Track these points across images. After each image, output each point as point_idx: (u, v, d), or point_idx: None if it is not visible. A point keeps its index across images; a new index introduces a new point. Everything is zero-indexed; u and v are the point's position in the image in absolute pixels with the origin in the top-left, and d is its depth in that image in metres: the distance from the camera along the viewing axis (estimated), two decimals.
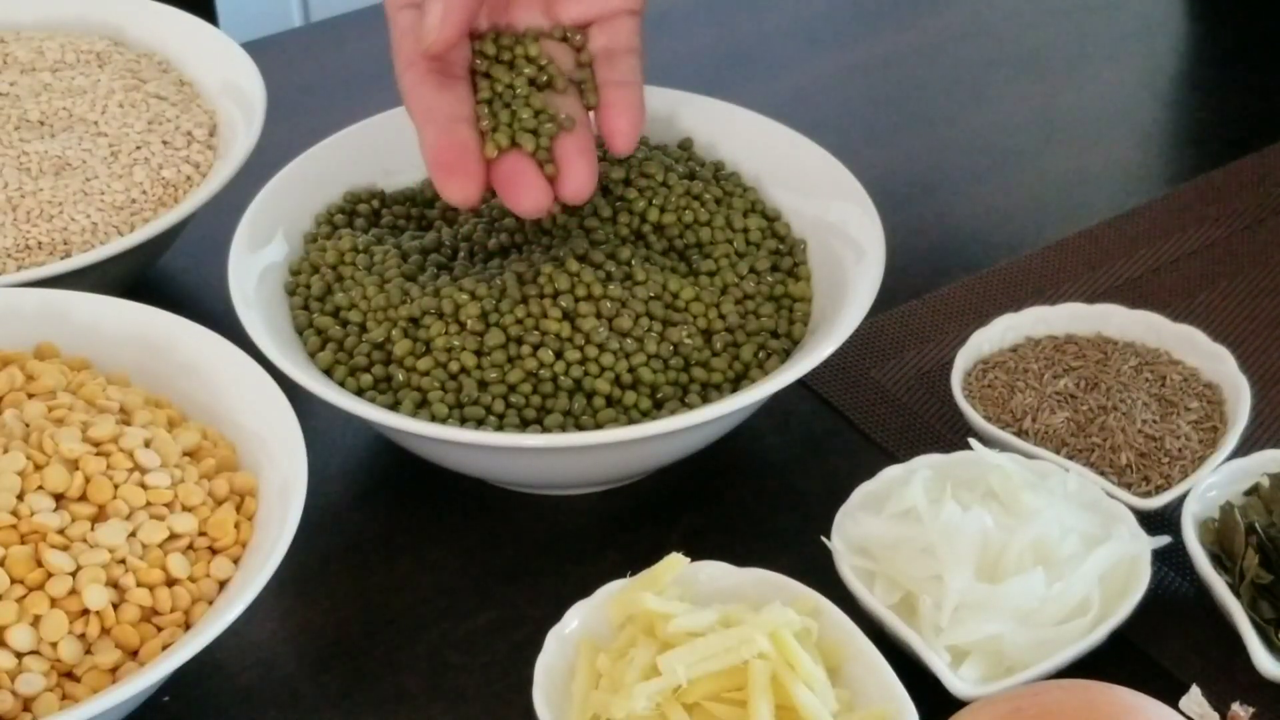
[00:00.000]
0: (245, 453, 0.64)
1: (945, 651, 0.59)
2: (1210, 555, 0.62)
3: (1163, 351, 0.71)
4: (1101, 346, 0.71)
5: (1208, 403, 0.69)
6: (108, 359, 0.67)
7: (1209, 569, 0.61)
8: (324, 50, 1.03)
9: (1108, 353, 0.71)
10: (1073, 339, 0.72)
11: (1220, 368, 0.70)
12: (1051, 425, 0.68)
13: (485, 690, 0.62)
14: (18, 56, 0.85)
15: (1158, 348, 0.72)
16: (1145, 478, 0.66)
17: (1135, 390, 0.69)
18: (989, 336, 0.72)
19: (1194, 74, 0.99)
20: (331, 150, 0.76)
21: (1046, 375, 0.70)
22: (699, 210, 0.72)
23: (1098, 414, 0.68)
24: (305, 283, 0.71)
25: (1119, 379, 0.69)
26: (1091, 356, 0.71)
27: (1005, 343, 0.72)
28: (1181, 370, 0.70)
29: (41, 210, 0.75)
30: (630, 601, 0.58)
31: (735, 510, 0.69)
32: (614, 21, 0.69)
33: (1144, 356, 0.71)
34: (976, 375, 0.71)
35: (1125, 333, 0.72)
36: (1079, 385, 0.69)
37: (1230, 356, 0.69)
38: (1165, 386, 0.69)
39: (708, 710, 0.55)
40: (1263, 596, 0.61)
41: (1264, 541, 0.61)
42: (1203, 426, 0.68)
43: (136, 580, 0.58)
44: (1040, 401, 0.68)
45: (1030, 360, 0.71)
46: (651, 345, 0.66)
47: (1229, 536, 0.62)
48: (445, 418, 0.65)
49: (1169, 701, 0.55)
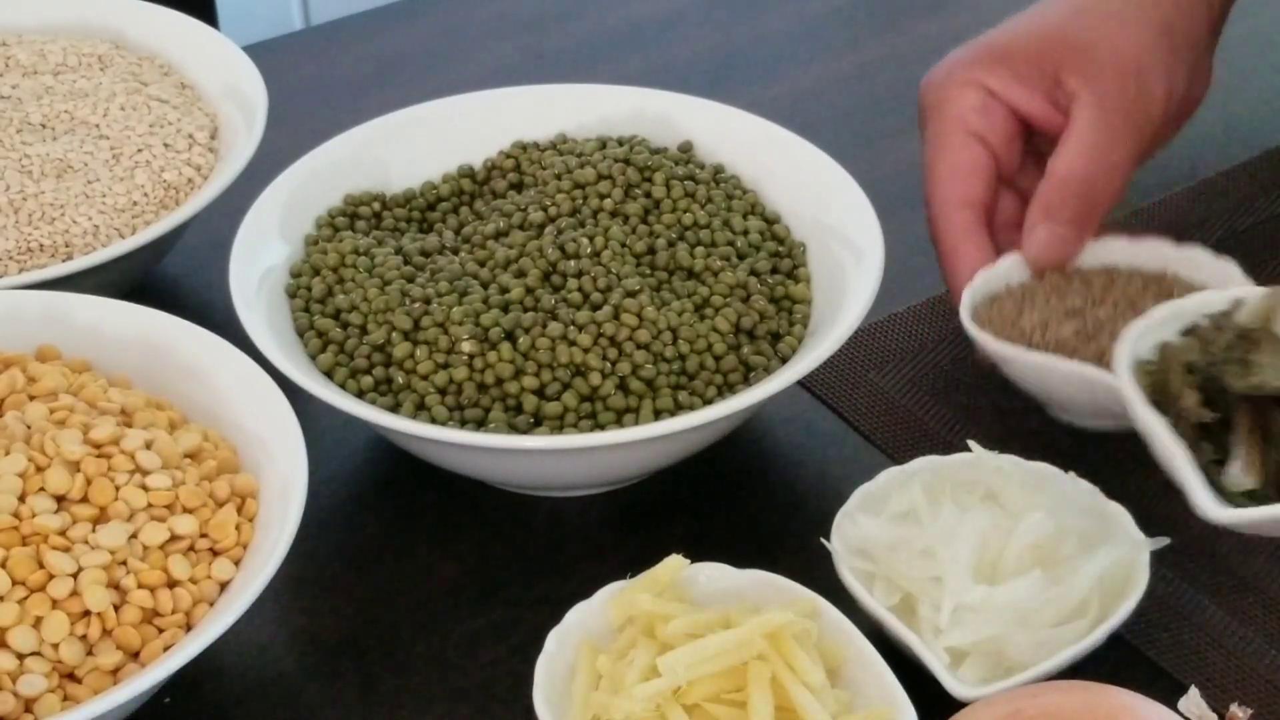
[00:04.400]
0: (246, 454, 0.64)
1: (944, 653, 0.59)
2: (1149, 400, 0.59)
3: (1169, 273, 0.70)
4: (1108, 274, 0.70)
5: None
6: (109, 361, 0.67)
7: (1145, 409, 0.58)
8: (325, 53, 1.03)
9: (1114, 278, 0.70)
10: (1079, 270, 0.71)
11: (1227, 280, 0.68)
12: (1061, 336, 0.66)
13: (485, 690, 0.62)
14: (19, 60, 0.85)
15: (1163, 270, 0.70)
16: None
17: (1143, 300, 0.68)
18: (995, 274, 0.71)
19: None
20: (332, 153, 0.77)
21: (1053, 298, 0.69)
22: (699, 213, 0.72)
23: (1105, 323, 0.67)
24: (306, 285, 0.71)
25: (1127, 294, 0.68)
26: (1098, 282, 0.70)
27: (1012, 279, 0.71)
28: (1189, 287, 0.69)
29: (43, 213, 0.75)
30: (630, 603, 0.58)
31: (735, 512, 0.70)
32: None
33: (1149, 277, 0.70)
34: (984, 306, 0.70)
35: (1132, 260, 0.71)
36: (1087, 302, 0.68)
37: (1236, 269, 0.68)
38: (1172, 297, 0.67)
39: (707, 711, 0.55)
40: (1205, 437, 0.58)
41: (1205, 379, 0.58)
42: None
43: (137, 582, 0.58)
44: (1049, 317, 0.67)
45: (1037, 290, 0.70)
46: (656, 348, 0.67)
47: (1166, 378, 0.59)
48: (445, 420, 0.65)
49: (1168, 702, 0.55)
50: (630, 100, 0.79)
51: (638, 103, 0.79)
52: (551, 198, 0.73)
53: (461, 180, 0.77)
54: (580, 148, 0.77)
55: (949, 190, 0.72)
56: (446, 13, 1.07)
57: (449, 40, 1.04)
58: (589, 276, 0.69)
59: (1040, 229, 0.70)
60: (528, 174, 0.77)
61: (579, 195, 0.73)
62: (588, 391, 0.66)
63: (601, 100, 0.80)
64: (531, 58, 1.02)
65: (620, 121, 0.79)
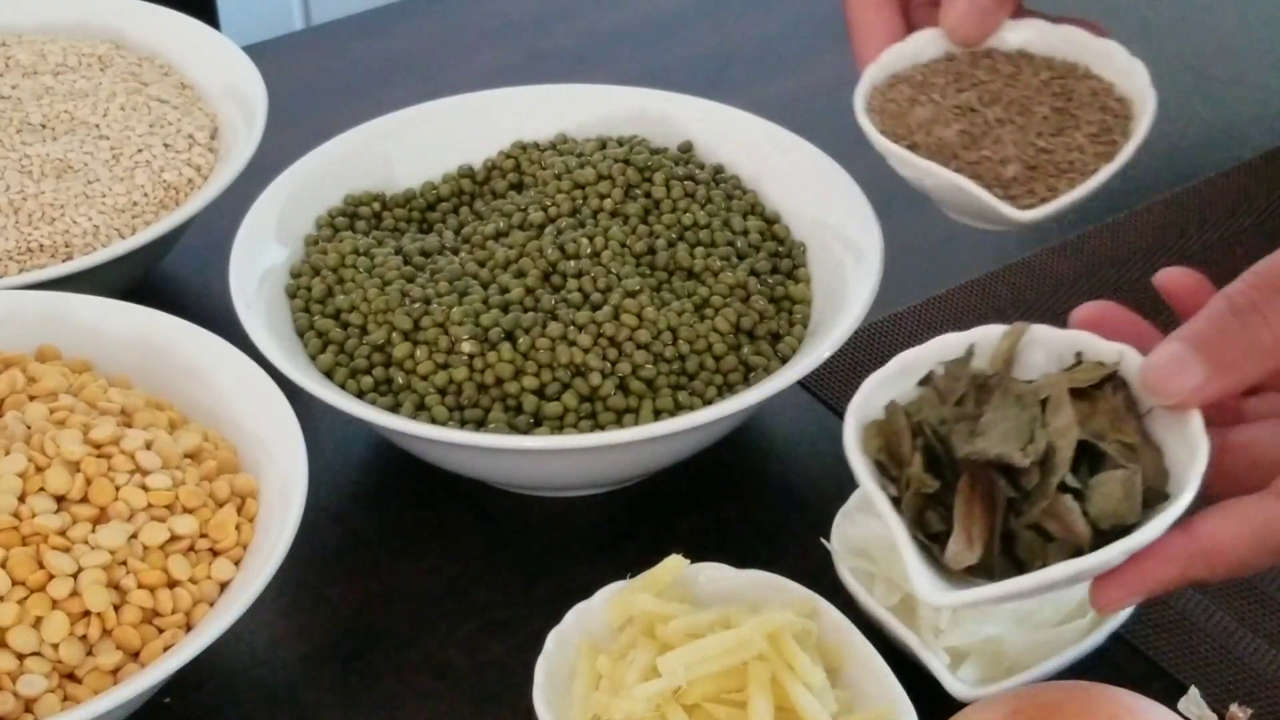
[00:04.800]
0: (246, 455, 0.64)
1: (944, 653, 0.59)
2: (877, 465, 0.52)
3: (1080, 65, 0.68)
4: (1016, 61, 0.68)
5: (1112, 117, 0.65)
6: (109, 361, 0.67)
7: (867, 479, 0.51)
8: (325, 53, 1.03)
9: (1021, 67, 0.67)
10: (991, 53, 0.68)
11: (1134, 81, 0.65)
12: (944, 138, 0.64)
13: (485, 690, 0.62)
14: (19, 60, 0.85)
15: (1076, 62, 0.68)
16: (1031, 190, 0.62)
17: (1037, 103, 0.65)
18: (904, 52, 0.68)
19: (1196, 78, 0.99)
20: (332, 153, 0.77)
21: (951, 89, 0.66)
22: (699, 213, 0.73)
23: (993, 126, 0.64)
24: (306, 285, 0.71)
25: (1024, 92, 0.66)
26: (1004, 70, 0.67)
27: (921, 58, 0.68)
28: (1095, 85, 0.66)
29: (43, 213, 0.75)
30: (630, 603, 0.58)
31: (735, 512, 0.70)
32: None
33: (1058, 71, 0.67)
34: (883, 89, 0.67)
35: (1047, 47, 0.68)
36: (981, 99, 0.66)
37: (1144, 70, 0.65)
38: (1070, 100, 0.65)
39: (707, 711, 0.55)
40: (931, 507, 0.51)
41: (930, 443, 0.52)
42: (1100, 140, 0.64)
43: (137, 582, 0.58)
44: (937, 114, 0.65)
45: (939, 75, 0.67)
46: (656, 348, 0.67)
47: (897, 440, 0.52)
48: (445, 420, 0.65)
49: (1168, 702, 0.55)
50: (630, 100, 0.79)
51: (638, 103, 0.79)
52: (551, 198, 0.73)
53: (461, 180, 0.77)
54: (580, 148, 0.77)
55: None
56: (446, 13, 1.07)
57: (449, 40, 1.04)
58: (589, 276, 0.69)
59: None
60: (528, 174, 0.77)
61: (579, 195, 0.73)
62: (588, 391, 0.66)
63: (601, 100, 0.80)
64: (531, 58, 1.02)
65: (620, 121, 0.79)
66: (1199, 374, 0.50)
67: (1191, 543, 0.50)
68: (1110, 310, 0.55)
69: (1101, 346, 0.53)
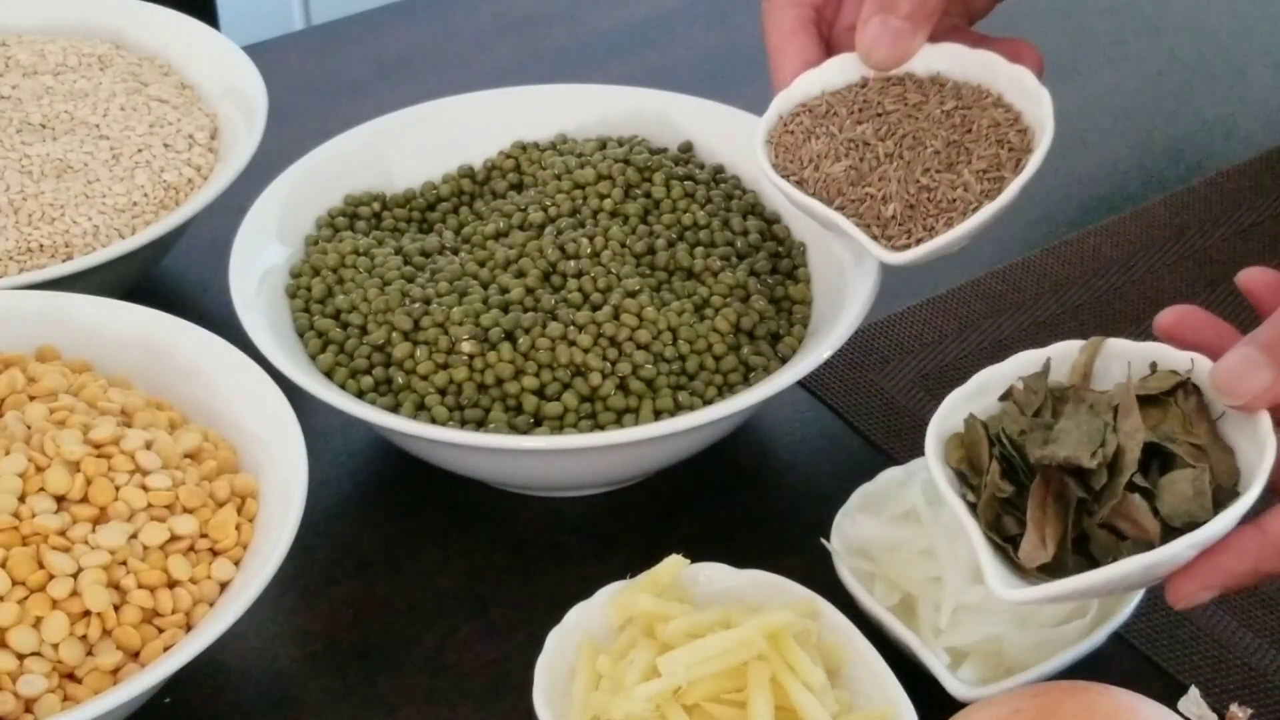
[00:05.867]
0: (246, 455, 0.64)
1: (944, 653, 0.59)
2: (959, 475, 0.56)
3: (994, 93, 0.66)
4: (926, 89, 0.67)
5: (1008, 151, 0.64)
6: (109, 361, 0.67)
7: (945, 486, 0.55)
8: (325, 53, 1.03)
9: (928, 95, 0.66)
10: (904, 79, 0.67)
11: (1038, 111, 0.64)
12: (832, 174, 0.64)
13: (485, 691, 0.62)
14: (19, 60, 0.85)
15: (987, 88, 0.66)
16: (908, 230, 0.62)
17: (932, 136, 0.64)
18: (818, 79, 0.67)
19: (1196, 77, 0.99)
20: (332, 153, 0.77)
21: (849, 122, 0.65)
22: (698, 213, 0.73)
23: (881, 162, 0.64)
24: (306, 285, 0.71)
25: (921, 125, 0.65)
26: (911, 99, 0.66)
27: (835, 84, 0.68)
28: (1000, 115, 0.65)
29: (43, 213, 0.75)
30: (630, 603, 0.58)
31: (735, 512, 0.70)
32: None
33: (965, 100, 0.66)
34: (787, 119, 0.67)
35: (964, 71, 0.67)
36: (877, 131, 0.65)
37: (1047, 99, 0.64)
38: (969, 133, 0.64)
39: (707, 711, 0.55)
40: (1006, 512, 0.54)
41: (1007, 452, 0.55)
42: (988, 176, 0.63)
43: (138, 582, 0.58)
44: (829, 149, 0.65)
45: (844, 103, 0.66)
46: (656, 348, 0.67)
47: (975, 451, 0.56)
48: (445, 420, 0.65)
49: (1168, 702, 0.55)
50: (630, 100, 0.79)
51: (638, 103, 0.79)
52: (551, 198, 0.73)
53: (461, 180, 0.77)
54: (580, 148, 0.77)
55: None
56: (446, 13, 1.07)
57: (449, 40, 1.04)
58: (589, 276, 0.69)
59: (874, 21, 0.67)
60: (528, 174, 0.77)
61: (579, 195, 0.73)
62: (588, 391, 0.66)
63: (601, 100, 0.80)
64: (531, 58, 1.02)
65: (620, 121, 0.79)
66: (1268, 376, 0.52)
67: (1264, 538, 0.52)
68: (1191, 314, 0.57)
69: (1175, 356, 0.56)
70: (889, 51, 0.67)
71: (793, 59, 0.68)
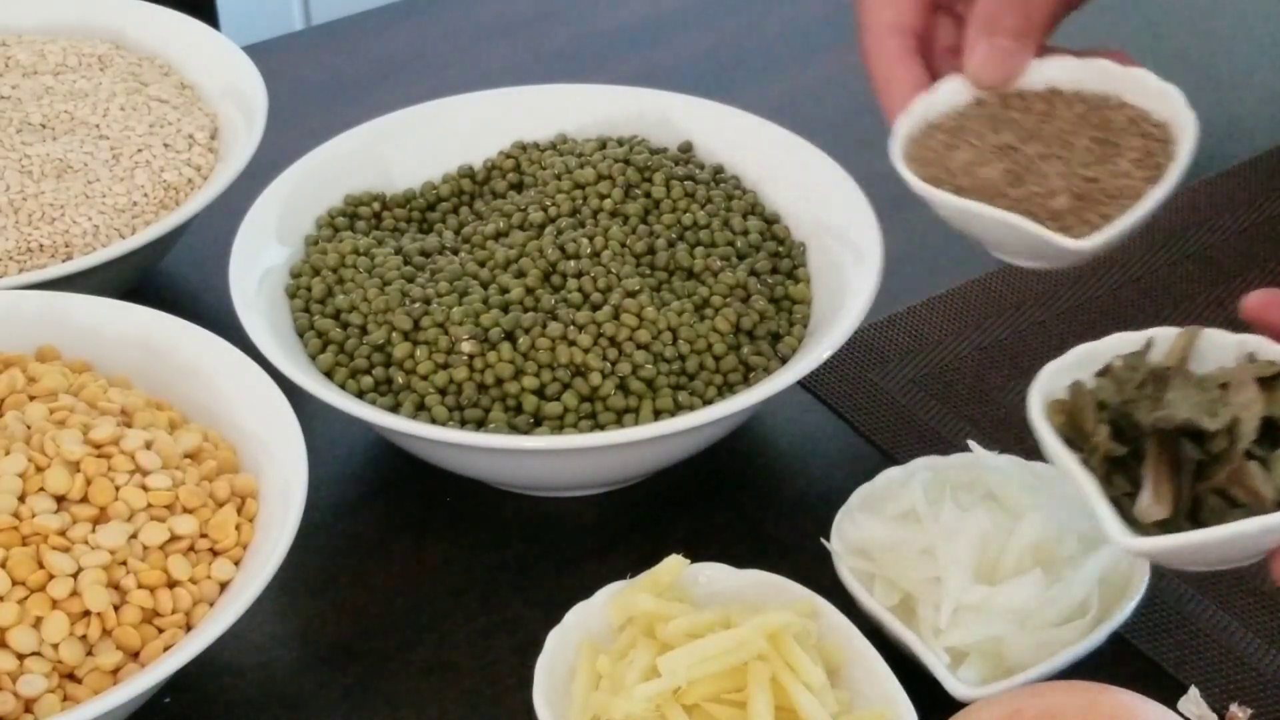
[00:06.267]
0: (246, 455, 0.64)
1: (944, 653, 0.59)
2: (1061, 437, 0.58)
3: (1112, 96, 0.67)
4: (1048, 99, 0.67)
5: (1154, 141, 0.65)
6: (109, 361, 0.67)
7: (1056, 444, 0.57)
8: (325, 53, 1.03)
9: (1054, 103, 0.67)
10: (1021, 94, 0.68)
11: (1169, 105, 0.65)
12: (989, 178, 0.64)
13: (485, 691, 0.62)
14: (19, 60, 0.85)
15: (1106, 92, 0.67)
16: (1084, 220, 0.63)
17: (1077, 135, 0.65)
18: (934, 101, 0.68)
19: (1198, 76, 0.99)
20: (332, 153, 0.77)
21: (987, 132, 0.66)
22: (698, 213, 0.73)
23: (1035, 162, 0.64)
24: (306, 285, 0.71)
25: (1061, 126, 0.66)
26: (1037, 108, 0.67)
27: (951, 106, 0.68)
28: (1130, 112, 0.66)
29: (43, 213, 0.75)
30: (630, 603, 0.58)
31: (735, 512, 0.70)
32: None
33: (1091, 102, 0.67)
34: (918, 138, 0.67)
35: (1076, 81, 0.68)
36: (1019, 137, 0.66)
37: (1178, 94, 0.65)
38: (1109, 129, 0.65)
39: (707, 711, 0.55)
40: (1116, 469, 0.57)
41: (1116, 416, 0.57)
42: (1146, 164, 0.64)
43: (138, 582, 0.58)
44: (978, 156, 0.65)
45: (972, 120, 0.67)
46: (656, 348, 0.67)
47: (1080, 415, 0.58)
48: (445, 420, 0.65)
49: (1168, 702, 0.55)
50: (630, 100, 0.79)
51: (638, 103, 0.79)
52: (551, 198, 0.73)
53: (461, 180, 0.77)
54: (580, 148, 0.77)
55: (879, 17, 0.69)
56: (446, 13, 1.07)
57: (449, 40, 1.04)
58: (589, 276, 0.69)
59: (981, 44, 0.66)
60: (528, 174, 0.77)
61: (579, 195, 0.73)
62: (588, 391, 0.66)
63: (601, 100, 0.80)
64: (531, 58, 1.02)
65: (620, 121, 0.79)
66: None
67: None
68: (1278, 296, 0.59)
69: (1272, 348, 0.57)
70: (998, 71, 0.67)
71: (905, 85, 0.68)
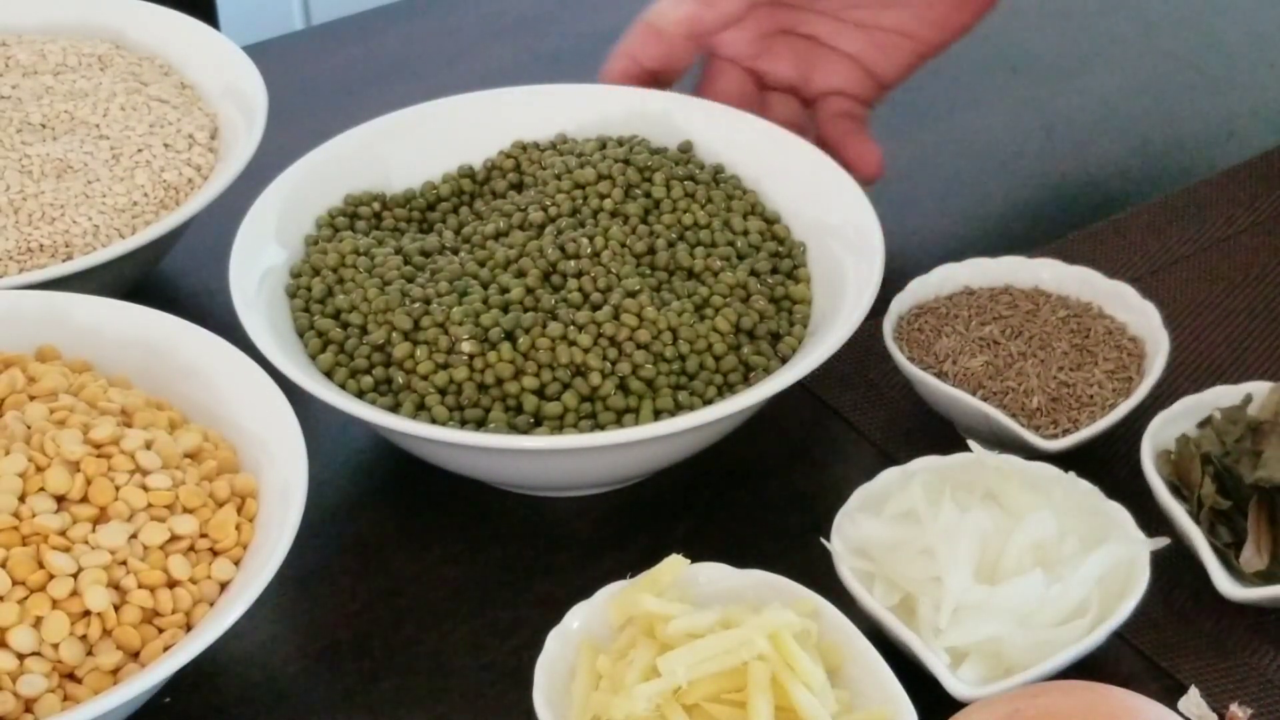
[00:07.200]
0: (246, 455, 0.64)
1: (944, 653, 0.59)
2: (1168, 485, 0.64)
3: (1094, 305, 0.73)
4: (1034, 298, 0.73)
5: (1127, 355, 0.71)
6: (109, 361, 0.67)
7: (1168, 497, 0.63)
8: (325, 53, 1.03)
9: (1039, 304, 0.73)
10: (1009, 289, 0.74)
11: (1146, 322, 0.71)
12: (970, 368, 0.69)
13: (485, 691, 0.62)
14: (19, 59, 0.85)
15: (1090, 302, 0.73)
16: (1054, 421, 0.68)
17: (1057, 339, 0.71)
18: (927, 283, 0.74)
19: (1196, 76, 0.99)
20: (332, 153, 0.77)
21: (974, 322, 0.72)
22: (699, 213, 0.73)
23: (1016, 359, 0.70)
24: (306, 285, 0.71)
25: (1044, 328, 0.71)
26: (1023, 307, 0.73)
27: (943, 291, 0.74)
28: (1109, 324, 0.72)
29: (43, 213, 0.75)
30: (630, 603, 0.58)
31: (735, 512, 0.70)
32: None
33: (1073, 309, 0.73)
34: (909, 319, 0.73)
35: (1061, 286, 0.74)
36: (1004, 332, 0.71)
37: (1156, 312, 0.71)
38: (1088, 338, 0.71)
39: (707, 711, 0.55)
40: (1220, 522, 0.63)
41: (1220, 470, 0.63)
42: (1117, 376, 0.70)
43: (138, 582, 0.58)
44: (963, 345, 0.70)
45: (962, 308, 0.73)
46: (656, 348, 0.67)
47: (1186, 467, 0.64)
48: (445, 420, 0.65)
49: (1168, 702, 0.55)
50: (630, 100, 0.79)
51: (638, 103, 0.79)
52: (551, 198, 0.73)
53: (461, 180, 0.77)
54: (580, 148, 0.77)
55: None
56: (446, 13, 1.07)
57: (449, 40, 1.04)
58: (589, 276, 0.69)
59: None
60: (528, 174, 0.77)
61: (579, 195, 0.73)
62: (588, 391, 0.66)
63: (601, 100, 0.80)
64: (531, 58, 1.02)
65: (620, 121, 0.79)
66: None
67: None
68: None
69: None
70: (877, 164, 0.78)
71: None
